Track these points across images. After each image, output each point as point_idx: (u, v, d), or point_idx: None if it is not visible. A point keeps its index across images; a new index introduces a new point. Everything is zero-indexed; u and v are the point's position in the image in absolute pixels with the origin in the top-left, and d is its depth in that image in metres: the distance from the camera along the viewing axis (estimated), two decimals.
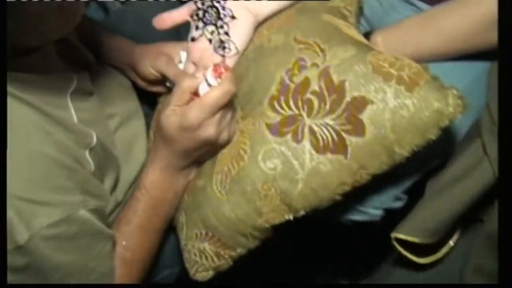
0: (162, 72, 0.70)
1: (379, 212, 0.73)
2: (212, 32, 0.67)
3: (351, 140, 0.57)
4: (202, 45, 0.68)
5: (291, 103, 0.60)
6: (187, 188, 0.65)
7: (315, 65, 0.61)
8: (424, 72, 0.58)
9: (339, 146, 0.58)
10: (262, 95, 0.63)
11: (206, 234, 0.63)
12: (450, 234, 0.71)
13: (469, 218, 0.68)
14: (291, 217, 0.60)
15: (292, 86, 0.61)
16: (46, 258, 0.50)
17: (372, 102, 0.56)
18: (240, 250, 0.64)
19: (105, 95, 0.68)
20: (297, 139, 0.59)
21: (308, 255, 1.12)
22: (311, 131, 0.58)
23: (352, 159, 0.58)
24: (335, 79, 0.59)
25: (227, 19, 0.67)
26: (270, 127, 0.60)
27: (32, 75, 0.53)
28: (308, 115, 0.59)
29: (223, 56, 0.67)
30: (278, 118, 0.60)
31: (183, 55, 0.71)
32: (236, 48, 0.67)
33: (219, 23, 0.67)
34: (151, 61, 0.71)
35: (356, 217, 0.73)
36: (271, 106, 0.61)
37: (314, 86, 0.60)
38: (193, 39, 0.69)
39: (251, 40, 0.69)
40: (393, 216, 0.72)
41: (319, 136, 0.58)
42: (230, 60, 0.67)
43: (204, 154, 0.63)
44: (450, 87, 0.56)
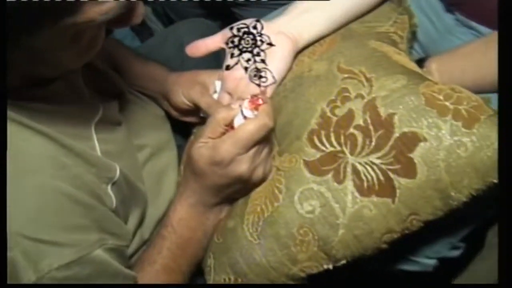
0: (196, 102, 0.70)
1: (433, 262, 0.68)
2: (248, 60, 0.67)
3: (400, 182, 0.54)
4: (237, 73, 0.67)
5: (333, 138, 0.58)
6: (217, 228, 0.63)
7: (360, 96, 0.59)
8: (485, 106, 0.54)
9: (386, 188, 0.55)
10: (300, 129, 0.61)
11: (235, 281, 0.60)
12: None
13: None
14: (330, 266, 0.57)
15: (334, 119, 0.59)
16: None
17: (425, 139, 0.54)
18: None
19: (135, 125, 0.68)
20: (338, 179, 0.56)
21: None
22: (355, 171, 0.56)
23: (401, 204, 0.55)
24: (383, 112, 0.57)
25: (264, 46, 0.66)
26: (308, 164, 0.58)
27: (52, 105, 0.53)
28: (351, 152, 0.57)
29: (259, 86, 0.66)
30: (318, 155, 0.58)
31: (218, 84, 0.71)
32: (273, 77, 0.66)
33: (255, 50, 0.67)
34: (184, 90, 0.71)
35: (406, 267, 0.68)
36: (310, 141, 0.59)
37: (359, 120, 0.57)
38: (228, 68, 0.68)
39: (290, 68, 0.68)
40: (449, 265, 0.66)
41: (363, 177, 0.56)
42: (267, 90, 0.66)
43: (236, 191, 0.61)
44: None
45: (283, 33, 0.66)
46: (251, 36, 0.67)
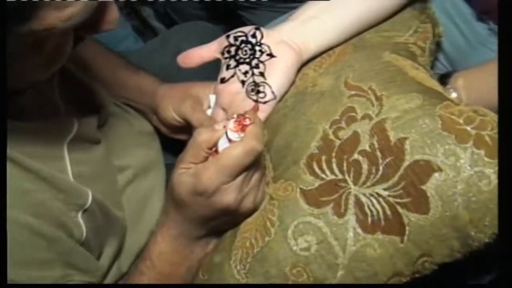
0: (187, 118, 0.69)
1: None
2: (245, 73, 0.66)
3: (410, 218, 0.53)
4: (233, 87, 0.66)
5: (334, 165, 0.56)
6: (202, 263, 0.61)
7: (367, 117, 0.57)
8: None
9: (394, 225, 0.53)
10: (299, 152, 0.59)
11: None
12: None
13: None
14: None
15: (337, 143, 0.57)
16: None
17: (440, 169, 0.52)
18: None
19: (116, 143, 0.67)
20: (339, 212, 0.54)
21: None
22: (358, 203, 0.54)
23: (410, 243, 0.53)
24: (392, 136, 0.55)
25: (263, 57, 0.65)
26: (305, 194, 0.56)
27: (19, 122, 0.52)
28: (355, 181, 0.55)
29: (256, 102, 0.65)
30: (317, 184, 0.56)
31: (213, 98, 0.70)
32: (272, 92, 0.64)
33: (254, 62, 0.65)
34: (175, 104, 0.71)
35: None
36: (309, 167, 0.57)
37: (365, 145, 0.56)
38: (223, 80, 0.67)
39: (292, 83, 0.66)
40: None
41: (367, 210, 0.54)
42: (265, 107, 0.65)
43: (224, 223, 0.59)
44: None
45: (285, 42, 0.65)
46: (249, 45, 0.66)
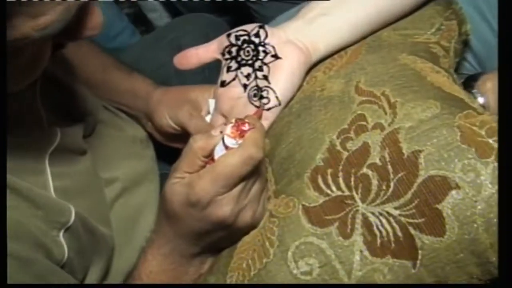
0: (184, 126, 0.69)
1: None
2: (247, 76, 0.66)
3: (424, 241, 0.52)
4: (234, 92, 0.66)
5: (341, 179, 0.56)
6: (197, 285, 0.61)
7: (379, 126, 0.57)
8: None
9: (405, 248, 0.53)
10: (303, 165, 0.59)
11: None
12: None
13: None
14: None
15: (345, 155, 0.57)
16: None
17: (458, 187, 0.51)
18: None
19: (105, 153, 0.67)
20: (344, 233, 0.54)
21: None
22: (366, 223, 0.54)
23: (424, 268, 0.53)
24: (405, 149, 0.54)
25: (267, 59, 0.65)
26: (308, 211, 0.56)
27: None
28: (363, 199, 0.54)
29: (258, 108, 0.65)
30: (321, 200, 0.56)
31: (212, 103, 0.70)
32: (276, 97, 0.64)
33: (257, 64, 0.65)
34: (171, 110, 0.71)
35: None
36: (313, 181, 0.57)
37: (375, 158, 0.55)
38: (223, 84, 0.67)
39: (299, 87, 0.66)
40: None
41: (376, 231, 0.53)
42: (269, 114, 0.65)
43: (220, 239, 0.59)
44: None
45: (292, 42, 0.65)
46: (252, 46, 0.66)
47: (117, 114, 0.75)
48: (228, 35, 0.67)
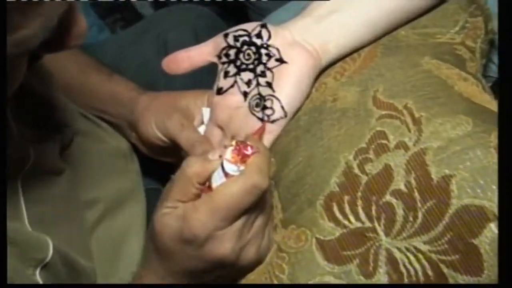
0: (173, 138, 0.68)
1: None
2: (248, 83, 0.64)
3: (458, 280, 0.51)
4: (232, 100, 0.65)
5: (360, 208, 0.54)
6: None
7: (402, 146, 0.55)
8: None
9: None
10: (315, 190, 0.57)
11: None
12: None
13: None
14: None
15: (364, 179, 0.55)
16: None
17: (496, 219, 0.50)
18: None
19: (83, 171, 0.66)
20: (366, 271, 0.53)
21: None
22: (390, 260, 0.52)
23: None
24: (434, 173, 0.53)
25: (271, 63, 0.63)
26: (323, 246, 0.55)
27: None
28: (387, 232, 0.53)
29: (261, 120, 0.63)
30: (338, 233, 0.55)
31: (206, 113, 0.68)
32: (282, 107, 0.63)
33: (259, 68, 0.64)
34: (159, 119, 0.69)
35: None
36: (328, 210, 0.56)
37: (399, 183, 0.54)
38: (220, 91, 0.66)
39: (308, 95, 0.65)
40: None
41: (403, 269, 0.52)
42: (273, 127, 0.63)
43: (218, 279, 0.58)
44: None
45: (299, 44, 0.64)
46: (253, 48, 0.64)
47: (97, 123, 0.74)
48: (226, 36, 0.65)
